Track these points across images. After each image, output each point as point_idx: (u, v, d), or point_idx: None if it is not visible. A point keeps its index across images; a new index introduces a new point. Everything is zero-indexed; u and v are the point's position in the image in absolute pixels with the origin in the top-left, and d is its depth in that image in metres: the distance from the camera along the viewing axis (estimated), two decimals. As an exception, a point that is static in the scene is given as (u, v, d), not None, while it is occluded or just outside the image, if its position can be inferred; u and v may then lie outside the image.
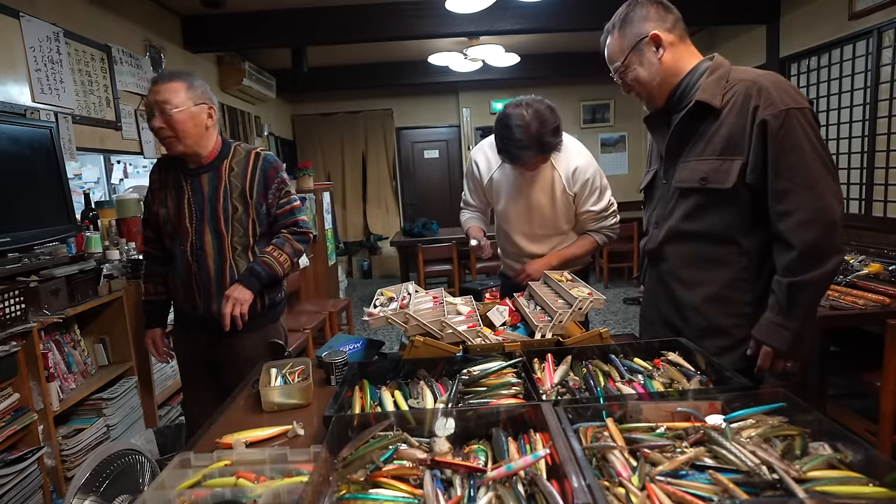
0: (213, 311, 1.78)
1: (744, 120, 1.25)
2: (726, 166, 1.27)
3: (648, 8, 1.34)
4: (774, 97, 1.22)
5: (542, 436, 0.90)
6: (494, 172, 2.04)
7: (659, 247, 1.45)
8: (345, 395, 1.11)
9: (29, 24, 2.59)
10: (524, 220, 2.03)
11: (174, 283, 1.86)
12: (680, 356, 1.25)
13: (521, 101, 1.77)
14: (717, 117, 1.29)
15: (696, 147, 1.34)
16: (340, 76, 6.39)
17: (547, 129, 1.71)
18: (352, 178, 7.53)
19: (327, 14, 4.27)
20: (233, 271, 1.79)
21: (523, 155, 1.74)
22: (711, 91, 1.29)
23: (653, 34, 1.32)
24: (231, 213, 1.78)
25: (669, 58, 1.33)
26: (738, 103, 1.26)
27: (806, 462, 0.80)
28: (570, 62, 6.41)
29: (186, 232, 1.77)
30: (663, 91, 1.38)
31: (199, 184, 1.78)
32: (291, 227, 1.89)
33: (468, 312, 1.58)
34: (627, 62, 1.36)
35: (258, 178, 1.81)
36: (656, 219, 1.48)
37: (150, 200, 1.87)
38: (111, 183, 3.62)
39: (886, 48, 3.47)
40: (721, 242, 1.34)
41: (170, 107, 1.66)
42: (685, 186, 1.36)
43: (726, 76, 1.30)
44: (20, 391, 1.86)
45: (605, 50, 1.43)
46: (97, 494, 1.42)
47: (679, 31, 1.35)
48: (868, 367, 2.20)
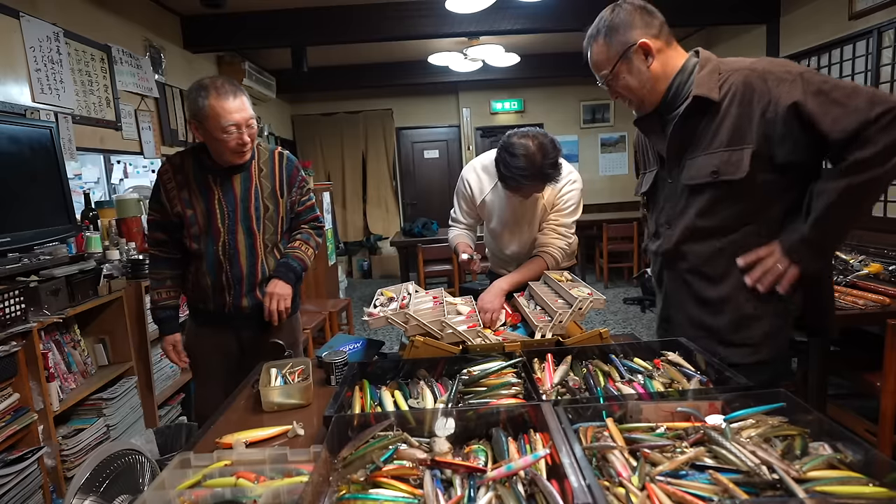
0: (243, 307, 1.84)
1: (749, 110, 1.23)
2: (737, 156, 1.25)
3: (633, 14, 1.31)
4: (782, 74, 1.20)
5: (542, 436, 0.90)
6: (487, 195, 2.08)
7: (675, 247, 1.41)
8: (345, 395, 1.11)
9: (29, 24, 2.60)
10: (515, 238, 2.08)
11: (199, 282, 1.84)
12: (680, 356, 1.25)
13: (527, 132, 1.81)
14: (718, 110, 1.27)
15: (700, 142, 1.32)
16: (340, 76, 6.39)
17: (548, 161, 1.76)
18: (352, 178, 7.53)
19: (327, 14, 4.28)
20: (264, 268, 1.85)
21: (524, 184, 1.78)
22: (707, 85, 1.27)
23: (641, 43, 1.29)
24: (263, 212, 1.83)
25: (658, 65, 1.32)
26: (738, 93, 1.25)
27: (806, 462, 0.80)
28: (570, 62, 6.41)
29: (218, 232, 1.79)
30: (654, 96, 1.36)
31: (231, 184, 1.80)
32: (312, 222, 1.99)
33: (468, 312, 1.59)
34: (616, 71, 1.33)
35: (284, 177, 1.88)
36: (666, 219, 1.44)
37: (165, 201, 1.80)
38: (111, 183, 3.63)
39: (886, 48, 3.47)
40: (740, 231, 1.31)
41: (252, 122, 1.72)
42: (696, 182, 1.33)
43: (717, 69, 1.29)
44: (20, 391, 1.86)
45: (588, 56, 1.41)
46: (97, 494, 1.42)
47: (665, 35, 1.33)
48: (868, 367, 2.20)
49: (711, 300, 1.37)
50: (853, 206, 1.21)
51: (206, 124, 1.67)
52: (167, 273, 1.88)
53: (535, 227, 2.02)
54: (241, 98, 1.69)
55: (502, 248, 2.15)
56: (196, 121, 1.69)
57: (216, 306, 1.85)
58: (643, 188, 1.56)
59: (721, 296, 1.35)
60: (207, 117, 1.65)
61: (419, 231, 5.78)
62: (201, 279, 1.83)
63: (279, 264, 1.87)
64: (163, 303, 1.88)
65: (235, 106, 1.66)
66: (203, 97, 1.65)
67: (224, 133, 1.66)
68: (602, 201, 7.35)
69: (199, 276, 1.83)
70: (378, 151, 7.49)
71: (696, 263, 1.39)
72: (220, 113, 1.64)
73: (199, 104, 1.65)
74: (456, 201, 2.20)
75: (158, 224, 1.85)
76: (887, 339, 1.90)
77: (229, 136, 1.67)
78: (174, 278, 1.89)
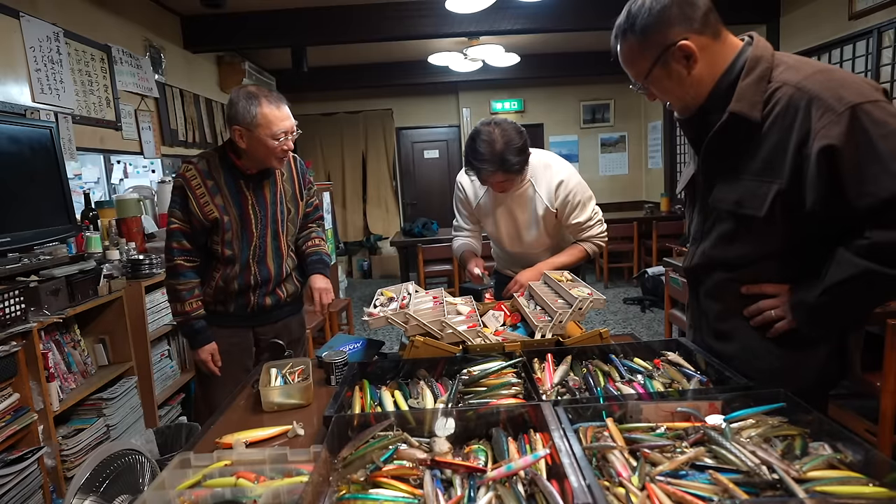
0: (266, 306, 1.90)
1: (787, 137, 1.02)
2: (764, 190, 1.06)
3: (670, 6, 1.06)
4: (831, 102, 0.97)
5: (542, 436, 0.90)
6: (481, 199, 2.08)
7: (694, 269, 1.29)
8: (345, 395, 1.11)
9: (29, 24, 2.60)
10: (515, 240, 2.08)
11: (227, 286, 1.83)
12: (680, 356, 1.25)
13: (491, 121, 1.82)
14: (759, 129, 1.07)
15: (734, 163, 1.12)
16: (340, 76, 6.39)
17: (511, 147, 1.76)
18: (352, 178, 7.53)
19: (327, 14, 4.28)
20: (287, 267, 1.93)
21: (484, 169, 1.78)
22: (749, 99, 1.06)
23: (681, 44, 1.06)
24: (286, 215, 1.91)
25: (703, 66, 1.09)
26: (781, 114, 1.03)
27: (806, 462, 0.80)
28: (570, 62, 6.42)
29: (252, 236, 1.83)
30: (699, 100, 1.14)
31: (262, 190, 1.84)
32: (318, 220, 2.11)
33: (468, 312, 1.58)
34: (651, 77, 1.13)
35: (299, 179, 1.96)
36: (694, 233, 1.30)
37: (195, 209, 1.75)
38: (111, 183, 3.62)
39: (886, 48, 3.47)
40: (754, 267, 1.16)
41: (295, 129, 1.78)
42: (721, 207, 1.16)
43: (767, 75, 1.06)
44: (20, 391, 1.86)
45: (617, 55, 1.18)
46: (97, 494, 1.42)
47: (711, 26, 1.09)
48: (868, 367, 2.20)
49: (722, 331, 1.26)
50: (869, 296, 1.05)
51: (256, 132, 1.69)
52: (194, 282, 1.82)
53: (538, 228, 2.01)
54: (286, 107, 1.76)
55: (505, 248, 2.15)
56: (243, 127, 1.70)
57: (237, 307, 1.87)
58: (681, 185, 1.37)
59: (729, 329, 1.24)
60: (259, 125, 1.69)
61: (419, 231, 5.78)
62: (230, 283, 1.84)
63: (313, 261, 1.98)
64: (196, 313, 1.82)
65: (285, 114, 1.74)
66: (255, 105, 1.68)
67: (274, 140, 1.71)
68: (602, 201, 7.25)
69: (228, 280, 1.83)
70: (378, 151, 7.49)
71: (710, 290, 1.27)
72: (273, 121, 1.69)
73: (252, 112, 1.68)
74: (456, 209, 2.21)
75: (183, 233, 1.78)
76: (887, 339, 1.90)
77: (278, 144, 1.72)
78: (199, 287, 1.85)
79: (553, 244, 2.08)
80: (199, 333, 1.83)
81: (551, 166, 1.98)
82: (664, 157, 6.85)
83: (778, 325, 1.14)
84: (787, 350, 1.15)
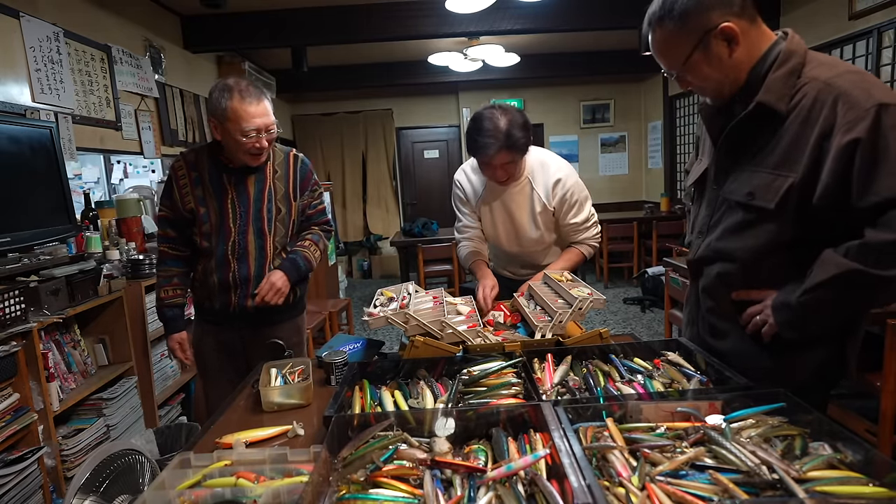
0: (248, 307, 1.83)
1: (808, 132, 1.03)
2: (778, 183, 1.07)
3: None
4: (859, 98, 0.98)
5: (542, 436, 0.90)
6: (480, 198, 2.08)
7: (697, 261, 1.29)
8: (345, 395, 1.11)
9: (29, 24, 2.60)
10: (512, 240, 2.08)
11: (206, 280, 1.84)
12: (680, 356, 1.25)
13: (493, 105, 1.85)
14: (782, 123, 1.07)
15: (754, 155, 1.13)
16: (340, 76, 6.39)
17: (515, 124, 1.77)
18: (352, 178, 7.53)
19: (327, 14, 4.28)
20: (272, 269, 1.85)
21: (489, 145, 1.76)
22: (778, 91, 1.07)
23: (724, 27, 1.06)
24: (275, 214, 1.84)
25: (743, 50, 1.08)
26: (805, 108, 1.04)
27: (806, 462, 0.80)
28: (570, 62, 6.41)
29: (229, 231, 1.79)
30: (736, 86, 1.13)
31: (245, 185, 1.81)
32: (323, 224, 2.02)
33: (468, 312, 1.58)
34: (690, 63, 1.11)
35: (298, 179, 1.90)
36: (700, 226, 1.30)
37: (177, 198, 1.80)
38: (111, 183, 3.63)
39: (886, 48, 3.47)
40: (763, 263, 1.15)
41: (272, 128, 1.73)
42: (733, 199, 1.17)
43: (798, 70, 1.07)
44: (20, 391, 1.86)
45: (650, 44, 1.16)
46: (97, 494, 1.42)
47: (749, 11, 1.08)
48: (868, 367, 2.20)
49: (717, 327, 1.29)
50: (851, 298, 1.05)
51: (226, 125, 1.68)
52: (174, 270, 1.88)
53: (535, 228, 2.01)
54: (264, 103, 1.70)
55: (503, 248, 2.15)
56: (216, 119, 1.70)
57: (221, 305, 1.85)
58: (690, 179, 1.37)
59: (726, 328, 1.26)
60: (227, 119, 1.66)
61: (419, 231, 5.78)
62: (208, 277, 1.83)
63: (285, 259, 1.88)
64: (169, 301, 1.87)
65: (257, 111, 1.68)
66: (226, 98, 1.66)
67: (243, 136, 1.67)
68: (602, 201, 7.34)
69: (207, 274, 1.83)
70: (378, 151, 7.49)
71: (710, 284, 1.27)
72: (242, 116, 1.65)
73: (222, 104, 1.66)
74: (456, 208, 2.19)
75: (168, 220, 1.84)
76: (887, 339, 1.90)
77: (247, 140, 1.68)
78: (181, 276, 1.89)
79: (550, 244, 2.08)
80: (170, 321, 1.89)
81: (549, 164, 1.97)
82: (664, 158, 6.85)
83: (764, 330, 1.15)
84: (777, 351, 1.17)
